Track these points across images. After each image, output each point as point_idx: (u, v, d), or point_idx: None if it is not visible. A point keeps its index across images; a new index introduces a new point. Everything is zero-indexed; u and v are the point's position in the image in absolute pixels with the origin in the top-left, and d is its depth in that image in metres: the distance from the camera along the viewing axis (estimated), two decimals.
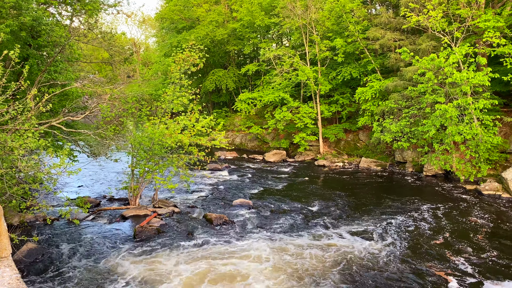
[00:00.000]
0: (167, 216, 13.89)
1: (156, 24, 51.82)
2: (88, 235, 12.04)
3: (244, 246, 11.21)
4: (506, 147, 18.97)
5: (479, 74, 16.88)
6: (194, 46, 15.68)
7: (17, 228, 12.06)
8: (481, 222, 13.20)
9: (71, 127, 14.31)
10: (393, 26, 24.26)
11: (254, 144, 32.75)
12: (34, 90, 10.15)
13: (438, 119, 17.54)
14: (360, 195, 16.99)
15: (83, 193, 17.01)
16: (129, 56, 19.68)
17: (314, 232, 12.32)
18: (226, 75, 35.53)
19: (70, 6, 16.69)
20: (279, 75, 28.22)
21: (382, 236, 11.97)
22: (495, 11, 19.04)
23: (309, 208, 15.08)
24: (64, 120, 12.44)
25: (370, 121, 23.72)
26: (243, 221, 13.46)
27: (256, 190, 18.10)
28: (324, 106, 27.71)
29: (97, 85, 16.27)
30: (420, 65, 18.34)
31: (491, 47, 18.76)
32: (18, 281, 5.43)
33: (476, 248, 10.96)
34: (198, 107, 15.39)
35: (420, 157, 21.20)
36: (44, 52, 14.95)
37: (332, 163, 24.67)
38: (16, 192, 9.64)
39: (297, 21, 27.54)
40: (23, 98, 10.87)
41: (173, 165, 14.73)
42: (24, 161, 9.25)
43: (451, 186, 18.21)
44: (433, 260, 10.21)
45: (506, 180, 16.28)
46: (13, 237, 8.89)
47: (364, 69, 25.96)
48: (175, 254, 10.63)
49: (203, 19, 35.37)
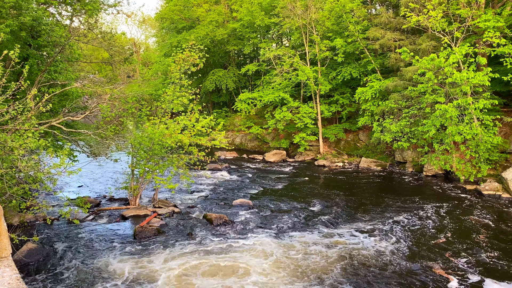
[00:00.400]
0: (167, 216, 13.90)
1: (156, 24, 51.82)
2: (88, 235, 12.04)
3: (244, 246, 11.21)
4: (506, 147, 18.96)
5: (479, 74, 16.88)
6: (194, 46, 15.69)
7: (17, 228, 12.06)
8: (481, 222, 13.20)
9: (71, 127, 14.32)
10: (393, 26, 24.26)
11: (254, 144, 32.75)
12: (34, 90, 10.16)
13: (438, 119, 17.54)
14: (360, 195, 16.99)
15: (83, 193, 17.01)
16: (129, 56, 19.69)
17: (314, 232, 12.32)
18: (226, 75, 35.52)
19: (70, 6, 16.69)
20: (279, 75, 28.22)
21: (382, 235, 11.97)
22: (495, 11, 19.04)
23: (309, 208, 15.08)
24: (64, 120, 12.44)
25: (370, 121, 23.72)
26: (243, 221, 13.46)
27: (256, 190, 18.10)
28: (324, 106, 27.70)
29: (97, 85, 16.28)
30: (420, 65, 18.34)
31: (491, 47, 18.75)
32: (18, 281, 5.43)
33: (476, 248, 10.96)
34: (198, 107, 15.39)
35: (420, 157, 21.20)
36: (44, 52, 14.95)
37: (332, 163, 24.67)
38: (16, 192, 9.64)
39: (297, 21, 27.54)
40: (23, 98, 10.87)
41: (173, 165, 14.73)
42: (24, 161, 9.26)
43: (451, 186, 18.20)
44: (433, 260, 10.21)
45: (506, 180, 16.28)
46: (13, 237, 8.89)
47: (364, 69, 25.95)
48: (175, 254, 10.62)
49: (203, 19, 35.37)
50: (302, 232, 12.38)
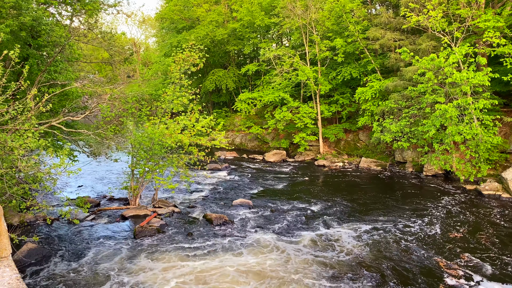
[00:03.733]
0: (167, 216, 13.90)
1: (156, 24, 51.83)
2: (88, 235, 12.04)
3: (244, 245, 11.21)
4: (506, 147, 18.96)
5: (479, 74, 16.88)
6: (194, 46, 15.69)
7: (17, 228, 12.07)
8: (481, 222, 13.20)
9: (71, 127, 14.32)
10: (393, 26, 24.26)
11: (254, 144, 32.75)
12: (34, 90, 10.15)
13: (438, 119, 17.54)
14: (360, 195, 16.99)
15: (83, 193, 17.02)
16: (129, 56, 19.71)
17: (315, 232, 12.32)
18: (226, 75, 35.53)
19: (70, 6, 16.70)
20: (279, 75, 28.22)
21: (381, 235, 11.97)
22: (495, 11, 19.04)
23: (309, 207, 15.08)
24: (64, 120, 12.44)
25: (370, 121, 23.72)
26: (243, 221, 13.46)
27: (256, 190, 18.10)
28: (324, 106, 27.70)
29: (97, 85, 16.27)
30: (420, 65, 18.34)
31: (491, 47, 18.76)
32: (18, 281, 5.43)
33: (476, 248, 10.96)
34: (198, 107, 15.39)
35: (420, 157, 21.20)
36: (44, 52, 14.95)
37: (332, 163, 24.67)
38: (16, 192, 9.64)
39: (297, 21, 27.54)
40: (23, 98, 10.87)
41: (173, 165, 14.74)
42: (24, 161, 9.25)
43: (451, 186, 18.20)
44: (433, 259, 10.21)
45: (506, 180, 16.28)
46: (13, 237, 8.89)
47: (364, 69, 25.95)
48: (175, 254, 10.63)
49: (203, 19, 35.38)
50: (302, 231, 12.38)
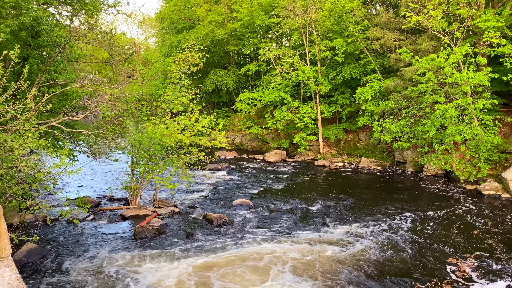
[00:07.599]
0: (167, 216, 13.90)
1: (156, 24, 51.81)
2: (88, 235, 12.04)
3: (244, 245, 11.21)
4: (506, 147, 18.96)
5: (479, 74, 16.87)
6: (194, 46, 15.69)
7: (17, 228, 12.07)
8: (481, 222, 13.20)
9: (71, 127, 14.31)
10: (393, 26, 24.25)
11: (254, 144, 32.75)
12: (34, 90, 10.15)
13: (438, 119, 17.54)
14: (360, 195, 16.98)
15: (83, 193, 17.02)
16: (129, 56, 19.69)
17: (315, 232, 12.32)
18: (226, 75, 35.52)
19: (70, 6, 16.69)
20: (279, 75, 28.21)
21: (381, 235, 11.97)
22: (495, 11, 19.03)
23: (309, 208, 15.08)
24: (64, 120, 12.43)
25: (370, 121, 23.71)
26: (243, 221, 13.46)
27: (256, 190, 18.10)
28: (324, 106, 27.69)
29: (97, 85, 16.27)
30: (420, 65, 18.34)
31: (491, 47, 18.75)
32: (18, 281, 5.43)
33: (475, 248, 10.96)
34: (198, 107, 15.38)
35: (420, 157, 21.19)
36: (44, 52, 14.94)
37: (332, 163, 24.67)
38: (16, 192, 9.63)
39: (297, 21, 27.53)
40: (23, 98, 10.86)
41: (173, 165, 14.73)
42: (24, 161, 9.25)
43: (451, 186, 18.20)
44: (433, 259, 10.21)
45: (506, 180, 16.28)
46: (13, 237, 8.88)
47: (364, 69, 25.94)
48: (175, 254, 10.62)
49: (203, 19, 35.37)
50: (302, 231, 12.38)
